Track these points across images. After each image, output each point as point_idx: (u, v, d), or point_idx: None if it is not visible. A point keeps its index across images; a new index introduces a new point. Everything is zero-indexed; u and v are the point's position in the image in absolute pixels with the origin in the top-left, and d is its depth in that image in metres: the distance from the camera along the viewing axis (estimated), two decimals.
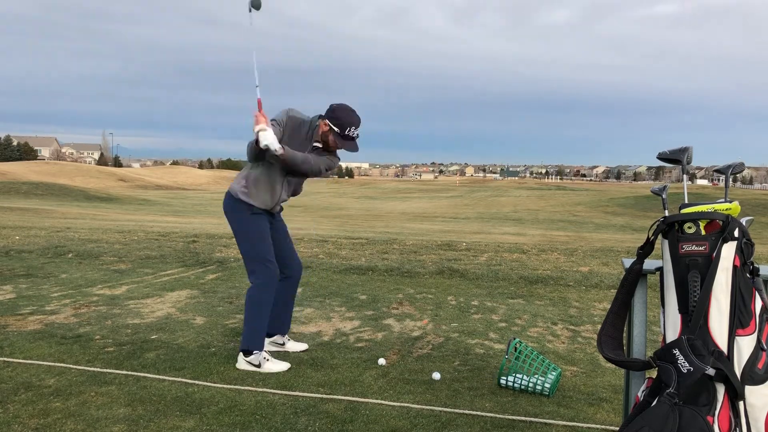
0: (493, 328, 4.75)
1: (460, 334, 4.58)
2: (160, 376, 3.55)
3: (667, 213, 2.32)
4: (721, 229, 2.16)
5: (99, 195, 40.08)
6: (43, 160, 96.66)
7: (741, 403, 2.07)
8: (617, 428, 2.81)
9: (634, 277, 2.50)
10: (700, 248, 2.16)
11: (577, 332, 4.71)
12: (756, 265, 2.20)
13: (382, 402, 3.25)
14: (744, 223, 2.23)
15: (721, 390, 2.06)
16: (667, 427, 1.99)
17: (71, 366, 3.68)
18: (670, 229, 2.25)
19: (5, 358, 3.80)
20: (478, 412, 3.14)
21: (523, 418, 3.07)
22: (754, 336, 2.12)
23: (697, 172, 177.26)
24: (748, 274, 2.17)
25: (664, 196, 2.53)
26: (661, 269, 2.31)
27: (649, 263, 2.50)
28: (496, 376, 3.60)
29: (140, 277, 6.58)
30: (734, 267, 2.13)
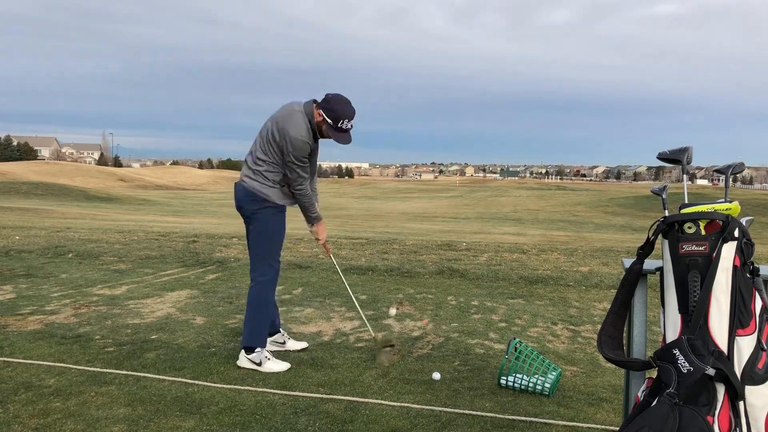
0: (493, 328, 4.75)
1: (460, 334, 4.58)
2: (160, 376, 3.55)
3: (667, 213, 2.32)
4: (721, 229, 2.16)
5: (99, 195, 40.08)
6: (43, 160, 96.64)
7: (741, 403, 2.07)
8: (617, 428, 2.81)
9: (634, 277, 2.50)
10: (700, 248, 2.16)
11: (577, 332, 4.71)
12: (756, 265, 2.20)
13: (382, 402, 3.25)
14: (744, 223, 2.23)
15: (721, 390, 2.06)
16: (667, 427, 1.99)
17: (71, 366, 3.69)
18: (670, 229, 2.25)
19: (5, 358, 3.80)
20: (478, 412, 3.14)
21: (523, 418, 3.08)
22: (754, 336, 2.12)
23: (697, 172, 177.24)
24: (748, 274, 2.17)
25: (664, 196, 2.53)
26: (661, 269, 2.31)
27: (649, 263, 2.49)
28: (496, 376, 3.60)
29: (140, 277, 6.58)
30: (734, 267, 2.13)
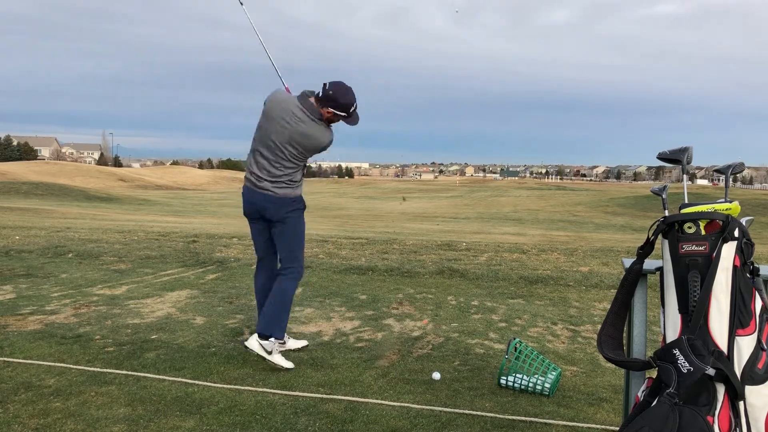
0: (493, 328, 4.75)
1: (460, 334, 4.58)
2: (160, 376, 3.55)
3: (667, 213, 2.32)
4: (721, 229, 2.16)
5: (99, 195, 40.08)
6: (43, 160, 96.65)
7: (741, 403, 2.07)
8: (617, 428, 2.81)
9: (634, 277, 2.50)
10: (700, 248, 2.16)
11: (577, 332, 4.71)
12: (756, 265, 2.20)
13: (382, 402, 3.25)
14: (744, 223, 2.23)
15: (721, 390, 2.06)
16: (667, 427, 1.99)
17: (71, 366, 3.69)
18: (670, 229, 2.25)
19: (5, 358, 3.80)
20: (478, 412, 3.14)
21: (523, 418, 3.07)
22: (754, 336, 2.12)
23: (697, 172, 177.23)
24: (748, 274, 2.17)
25: (664, 196, 2.53)
26: (661, 269, 2.31)
27: (649, 263, 2.50)
28: (496, 376, 3.60)
29: (140, 277, 6.58)
30: (734, 267, 2.13)
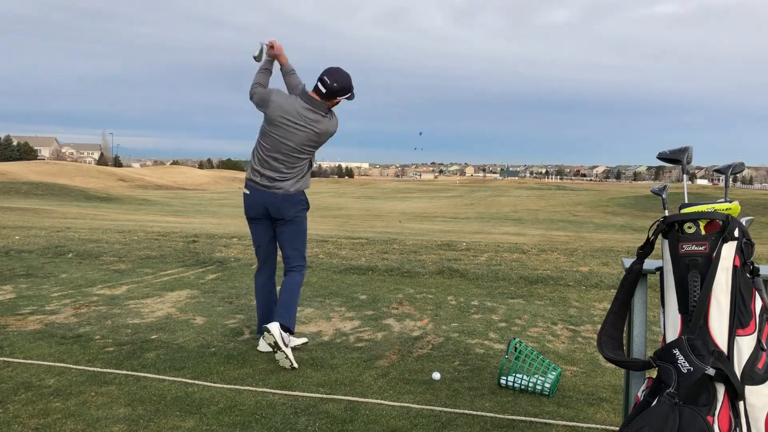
0: (493, 328, 4.75)
1: (460, 334, 4.58)
2: (160, 376, 3.55)
3: (667, 213, 2.32)
4: (721, 229, 2.16)
5: (99, 195, 40.08)
6: (43, 160, 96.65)
7: (741, 403, 2.07)
8: (617, 428, 2.81)
9: (634, 277, 2.50)
10: (700, 248, 2.16)
11: (577, 332, 4.71)
12: (756, 265, 2.20)
13: (382, 402, 3.25)
14: (744, 223, 2.23)
15: (721, 390, 2.06)
16: (667, 427, 1.99)
17: (71, 366, 3.69)
18: (670, 229, 2.25)
19: (5, 358, 3.80)
20: (478, 412, 3.14)
21: (523, 418, 3.08)
22: (754, 336, 2.12)
23: (697, 172, 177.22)
24: (748, 274, 2.17)
25: (664, 196, 2.53)
26: (661, 269, 2.31)
27: (649, 263, 2.50)
28: (496, 376, 3.60)
29: (140, 277, 6.58)
30: (734, 267, 2.13)
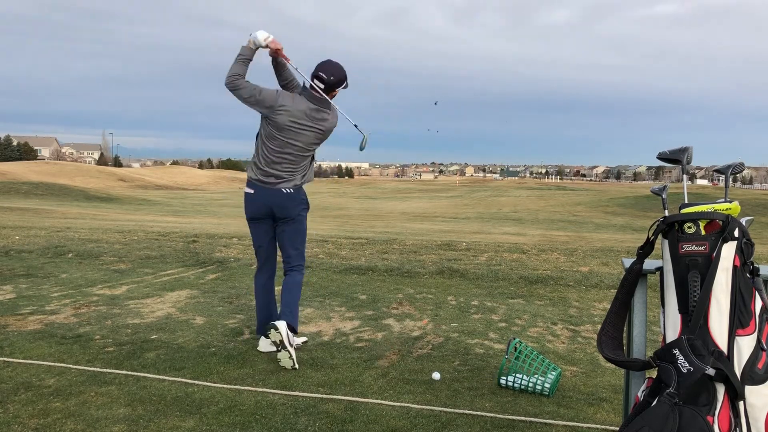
0: (493, 328, 4.75)
1: (460, 334, 4.58)
2: (160, 376, 3.55)
3: (667, 213, 2.32)
4: (721, 229, 2.16)
5: (99, 195, 40.08)
6: (43, 160, 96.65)
7: (741, 403, 2.07)
8: (617, 428, 2.81)
9: (634, 277, 2.50)
10: (700, 248, 2.16)
11: (577, 332, 4.71)
12: (756, 265, 2.20)
13: (382, 402, 3.25)
14: (744, 223, 2.23)
15: (721, 390, 2.06)
16: (667, 427, 1.99)
17: (71, 366, 3.69)
18: (670, 229, 2.25)
19: (5, 358, 3.80)
20: (478, 412, 3.14)
21: (523, 418, 3.08)
22: (754, 336, 2.12)
23: (697, 172, 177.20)
24: (748, 274, 2.17)
25: (664, 196, 2.53)
26: (661, 269, 2.31)
27: (649, 263, 2.50)
28: (496, 376, 3.60)
29: (140, 277, 6.58)
30: (734, 267, 2.13)
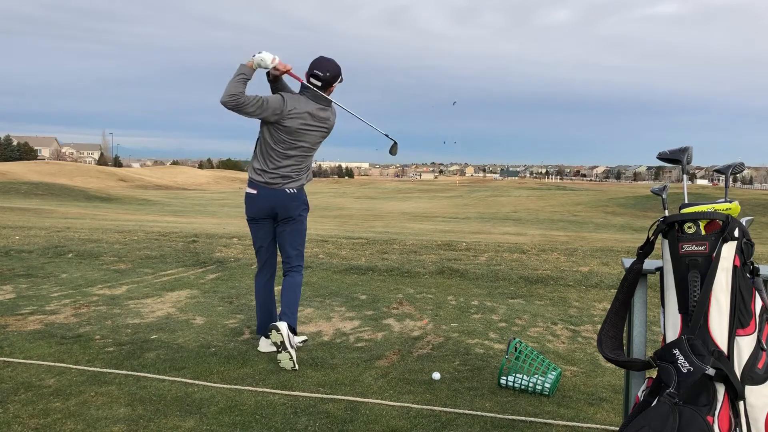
0: (493, 328, 4.75)
1: (460, 334, 4.58)
2: (160, 376, 3.55)
3: (667, 213, 2.32)
4: (721, 229, 2.16)
5: (99, 195, 40.09)
6: (43, 160, 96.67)
7: (741, 403, 2.07)
8: (617, 428, 2.81)
9: (634, 277, 2.50)
10: (700, 248, 2.16)
11: (577, 332, 4.71)
12: (756, 265, 2.20)
13: (382, 402, 3.25)
14: (744, 223, 2.23)
15: (721, 390, 2.06)
16: (667, 427, 1.99)
17: (71, 366, 3.69)
18: (670, 229, 2.25)
19: (5, 358, 3.80)
20: (478, 412, 3.14)
21: (523, 418, 3.07)
22: (754, 336, 2.12)
23: (697, 172, 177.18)
24: (748, 274, 2.17)
25: (664, 196, 2.53)
26: (661, 269, 2.31)
27: (649, 263, 2.49)
28: (496, 376, 3.60)
29: (140, 277, 6.58)
30: (734, 267, 2.13)
